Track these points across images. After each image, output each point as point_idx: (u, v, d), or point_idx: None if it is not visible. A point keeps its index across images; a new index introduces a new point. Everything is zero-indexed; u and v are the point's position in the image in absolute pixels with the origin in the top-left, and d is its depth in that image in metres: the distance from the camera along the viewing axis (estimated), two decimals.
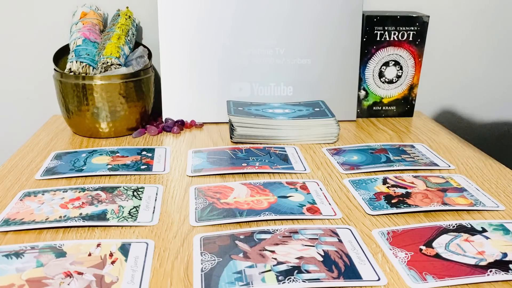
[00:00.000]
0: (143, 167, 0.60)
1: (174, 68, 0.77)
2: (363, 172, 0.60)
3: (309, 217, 0.49)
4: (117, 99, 0.70)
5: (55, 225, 0.46)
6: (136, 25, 0.81)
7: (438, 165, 0.62)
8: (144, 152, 0.65)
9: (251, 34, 0.77)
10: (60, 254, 0.42)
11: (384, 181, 0.57)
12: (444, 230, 0.46)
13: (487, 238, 0.44)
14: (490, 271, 0.39)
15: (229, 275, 0.39)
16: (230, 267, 0.40)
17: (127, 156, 0.64)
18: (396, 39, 0.79)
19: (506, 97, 0.97)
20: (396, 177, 0.58)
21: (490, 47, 0.92)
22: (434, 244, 0.43)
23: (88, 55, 0.72)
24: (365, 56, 0.80)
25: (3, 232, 0.46)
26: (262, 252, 0.42)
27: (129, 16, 0.79)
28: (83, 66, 0.71)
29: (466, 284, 0.38)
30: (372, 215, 0.49)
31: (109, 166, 0.60)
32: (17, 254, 0.42)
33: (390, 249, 0.43)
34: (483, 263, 0.40)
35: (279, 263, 0.40)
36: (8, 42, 0.84)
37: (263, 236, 0.44)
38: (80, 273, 0.39)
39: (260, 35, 0.77)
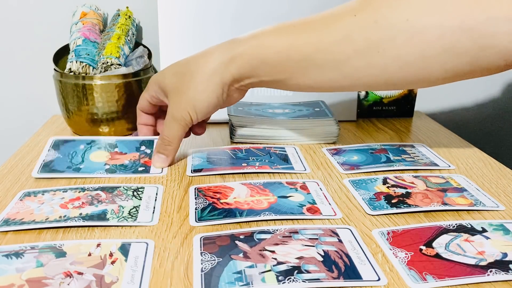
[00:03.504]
0: (140, 168, 0.60)
1: None
2: (363, 172, 0.60)
3: (309, 217, 0.49)
4: (117, 99, 0.70)
5: (55, 225, 0.46)
6: (136, 25, 0.82)
7: (438, 165, 0.62)
8: (143, 148, 0.65)
9: None
10: (60, 254, 0.42)
11: (384, 181, 0.57)
12: (444, 230, 0.46)
13: (487, 238, 0.44)
14: (490, 271, 0.39)
15: (229, 275, 0.39)
16: (230, 267, 0.40)
17: (126, 154, 0.63)
18: None
19: (507, 97, 0.97)
20: (396, 177, 0.58)
21: None
22: (434, 244, 0.43)
23: (88, 55, 0.72)
24: None
25: (3, 232, 0.46)
26: (262, 252, 0.42)
27: (129, 16, 0.79)
28: (83, 66, 0.71)
29: (466, 284, 0.38)
30: (372, 215, 0.49)
31: (107, 167, 0.60)
32: (17, 254, 0.42)
33: (390, 249, 0.43)
34: (483, 263, 0.40)
35: (279, 263, 0.40)
36: (7, 42, 0.84)
37: (263, 236, 0.45)
38: (80, 273, 0.39)
39: None
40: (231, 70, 0.55)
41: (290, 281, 0.38)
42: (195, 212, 0.50)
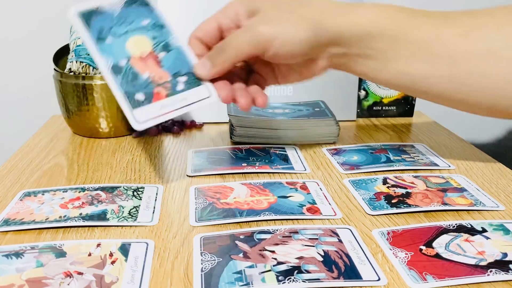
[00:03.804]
0: (139, 96, 0.49)
1: None
2: (363, 172, 0.60)
3: (309, 217, 0.49)
4: None
5: (55, 225, 0.46)
6: None
7: (438, 165, 0.62)
8: (183, 77, 0.51)
9: None
10: (60, 254, 0.42)
11: (384, 181, 0.57)
12: (444, 230, 0.46)
13: (487, 238, 0.44)
14: (490, 271, 0.39)
15: (229, 275, 0.39)
16: (230, 267, 0.40)
17: (160, 67, 0.51)
18: None
19: None
20: (396, 177, 0.58)
21: None
22: (434, 244, 0.43)
23: (88, 55, 0.72)
24: None
25: (3, 232, 0.46)
26: (262, 252, 0.42)
27: None
28: (83, 66, 0.71)
29: (466, 284, 0.38)
30: (372, 215, 0.49)
31: (122, 63, 0.49)
32: (17, 254, 0.42)
33: (390, 249, 0.43)
34: (483, 263, 0.40)
35: (279, 263, 0.40)
36: (7, 42, 0.84)
37: (263, 236, 0.44)
38: (80, 273, 0.39)
39: None
40: (339, 21, 0.48)
41: (290, 281, 0.38)
42: (195, 212, 0.50)
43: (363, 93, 0.82)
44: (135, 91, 0.48)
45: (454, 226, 0.46)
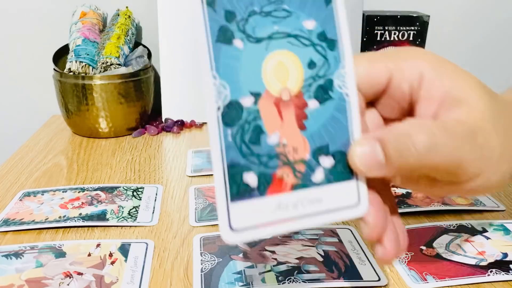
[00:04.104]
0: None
1: (174, 68, 0.77)
2: None
3: None
4: (116, 99, 0.70)
5: (54, 225, 0.46)
6: (136, 25, 0.81)
7: None
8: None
9: None
10: (60, 254, 0.42)
11: None
12: (445, 230, 0.46)
13: (487, 238, 0.44)
14: (491, 271, 0.39)
15: (229, 275, 0.39)
16: (230, 267, 0.40)
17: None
18: (396, 39, 0.79)
19: None
20: None
21: (490, 47, 0.92)
22: (434, 244, 0.43)
23: (88, 54, 0.72)
24: None
25: (3, 232, 0.46)
26: (262, 252, 0.42)
27: (129, 16, 0.79)
28: (82, 66, 0.71)
29: (467, 284, 0.38)
30: None
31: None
32: (17, 254, 0.42)
33: None
34: (484, 263, 0.40)
35: (279, 263, 0.40)
36: (7, 42, 0.84)
37: None
38: (79, 273, 0.39)
39: None
40: None
41: (290, 281, 0.38)
42: (195, 212, 0.49)
43: None
44: (247, 166, 0.25)
45: (454, 226, 0.46)
